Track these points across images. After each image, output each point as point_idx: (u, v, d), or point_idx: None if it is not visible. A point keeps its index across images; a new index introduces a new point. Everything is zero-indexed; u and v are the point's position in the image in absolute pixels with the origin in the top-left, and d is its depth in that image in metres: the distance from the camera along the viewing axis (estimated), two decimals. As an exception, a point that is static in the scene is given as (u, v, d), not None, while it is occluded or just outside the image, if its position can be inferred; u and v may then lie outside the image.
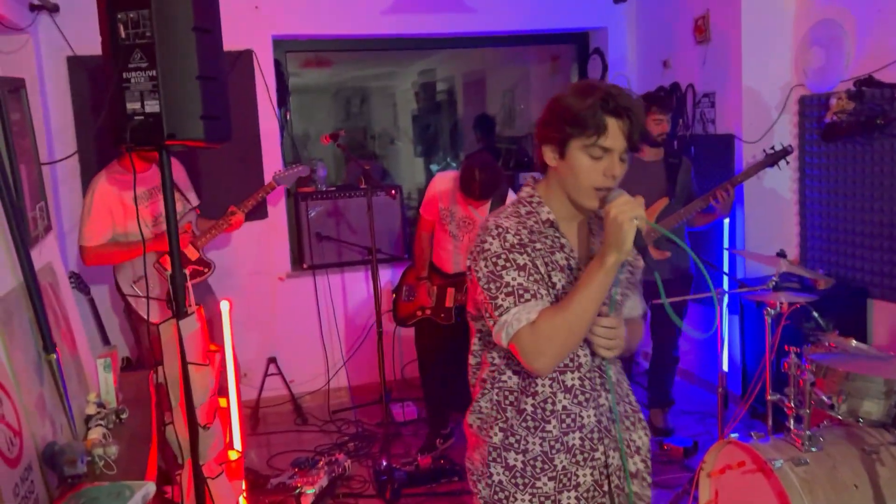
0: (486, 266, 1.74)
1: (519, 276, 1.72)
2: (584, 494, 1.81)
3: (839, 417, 2.88)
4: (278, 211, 5.13)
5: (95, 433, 1.73)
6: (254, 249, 5.07)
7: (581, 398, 1.80)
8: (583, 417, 1.81)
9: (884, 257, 4.07)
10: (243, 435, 3.30)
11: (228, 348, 3.31)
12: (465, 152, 7.40)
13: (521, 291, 1.71)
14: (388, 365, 5.02)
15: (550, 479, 1.81)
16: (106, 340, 4.68)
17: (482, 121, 6.43)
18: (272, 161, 5.06)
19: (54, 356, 1.64)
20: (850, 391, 2.83)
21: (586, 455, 1.81)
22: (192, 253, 4.01)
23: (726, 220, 4.70)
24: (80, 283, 4.73)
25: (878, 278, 4.12)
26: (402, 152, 9.09)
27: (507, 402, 1.83)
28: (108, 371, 1.96)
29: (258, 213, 5.07)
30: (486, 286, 1.74)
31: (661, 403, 4.56)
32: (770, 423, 3.09)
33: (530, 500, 1.81)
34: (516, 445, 1.81)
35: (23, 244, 1.61)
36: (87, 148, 4.72)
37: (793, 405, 2.88)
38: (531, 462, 1.81)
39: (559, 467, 1.80)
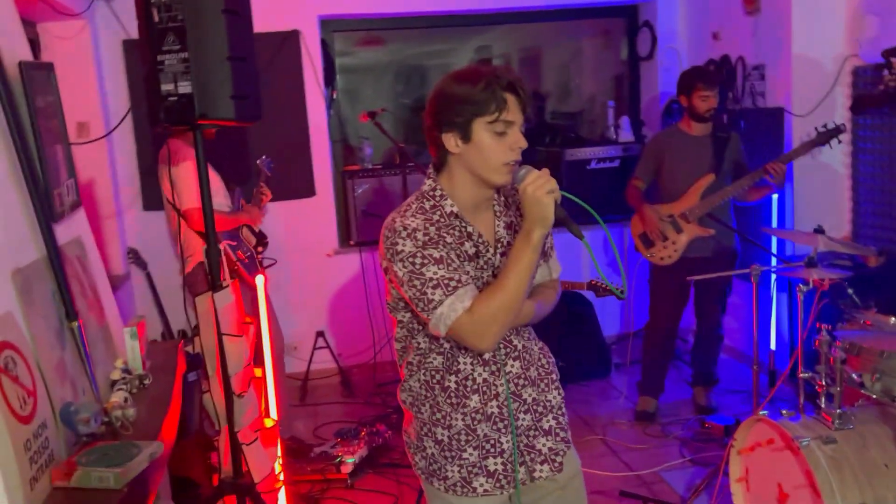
0: (404, 267, 1.80)
1: (439, 269, 1.78)
2: (509, 459, 1.92)
3: (874, 396, 2.83)
4: (325, 189, 5.23)
5: (117, 396, 1.84)
6: (303, 226, 5.20)
7: (493, 368, 1.91)
8: (496, 386, 1.91)
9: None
10: (279, 403, 3.42)
11: (264, 320, 3.42)
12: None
13: (446, 282, 1.77)
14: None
15: (475, 448, 1.91)
16: (162, 311, 4.89)
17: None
18: (319, 140, 5.17)
19: (76, 324, 1.74)
20: (884, 369, 2.76)
21: (506, 422, 1.91)
22: (255, 227, 4.14)
23: (775, 196, 4.60)
24: (137, 259, 4.94)
25: (930, 255, 3.99)
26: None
27: (434, 381, 1.92)
28: (135, 339, 2.07)
29: (306, 191, 5.20)
30: (410, 285, 1.80)
31: (705, 382, 4.52)
32: (801, 401, 3.05)
33: (459, 471, 1.92)
34: (442, 421, 1.91)
35: (45, 219, 1.72)
36: (143, 126, 4.89)
37: (824, 383, 2.83)
38: (455, 436, 1.91)
39: (481, 435, 1.91)
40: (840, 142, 4.12)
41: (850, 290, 2.96)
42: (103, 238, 4.89)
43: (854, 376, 2.74)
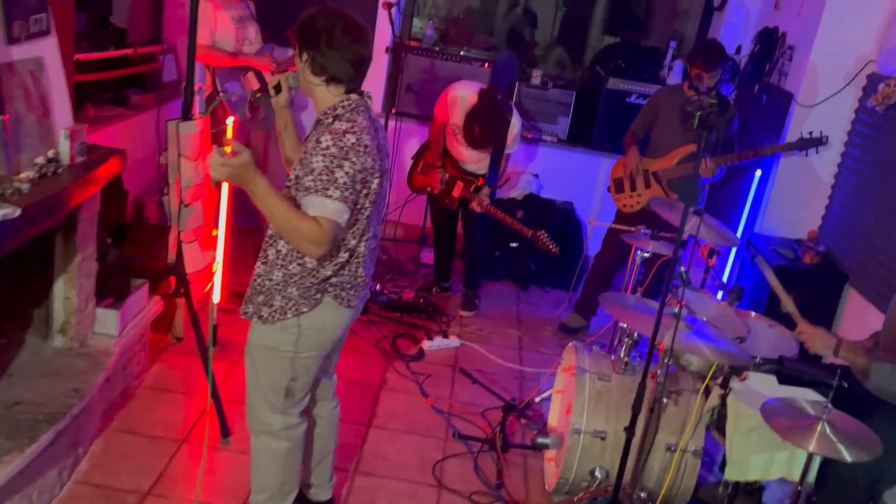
0: None
1: None
2: None
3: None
4: (381, 57, 5.81)
5: (25, 174, 2.66)
6: (355, 85, 5.84)
7: None
8: None
9: (867, 249, 4.10)
10: (228, 220, 4.18)
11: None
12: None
13: None
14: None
15: None
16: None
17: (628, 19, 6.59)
18: (384, 10, 5.69)
19: (2, 118, 2.54)
20: (676, 340, 3.20)
21: None
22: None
23: (758, 174, 4.81)
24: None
25: (858, 267, 4.18)
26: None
27: None
28: (66, 139, 2.86)
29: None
30: None
31: (585, 314, 4.99)
32: (615, 344, 3.55)
33: None
34: None
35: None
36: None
37: (628, 337, 3.32)
38: None
39: None
40: (817, 152, 4.29)
41: (681, 269, 3.34)
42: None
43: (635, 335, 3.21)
